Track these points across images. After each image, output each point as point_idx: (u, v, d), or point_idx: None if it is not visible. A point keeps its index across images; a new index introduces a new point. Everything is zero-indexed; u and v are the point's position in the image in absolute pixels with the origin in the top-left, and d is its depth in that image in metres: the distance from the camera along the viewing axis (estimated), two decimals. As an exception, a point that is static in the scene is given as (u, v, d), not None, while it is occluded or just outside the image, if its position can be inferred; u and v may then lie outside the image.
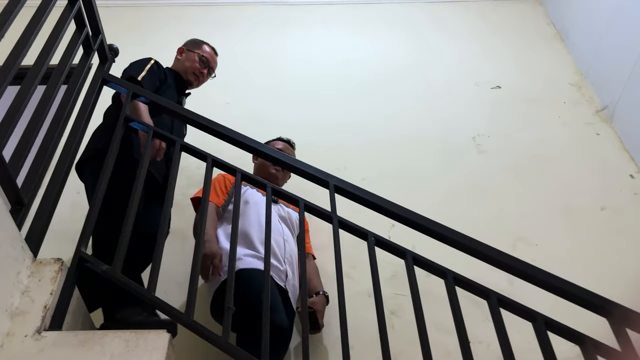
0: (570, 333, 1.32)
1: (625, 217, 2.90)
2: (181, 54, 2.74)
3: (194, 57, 2.70)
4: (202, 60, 2.71)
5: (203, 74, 2.72)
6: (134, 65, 2.42)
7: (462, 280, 1.40)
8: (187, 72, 2.67)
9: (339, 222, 1.51)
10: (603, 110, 3.41)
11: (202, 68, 2.70)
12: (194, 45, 2.78)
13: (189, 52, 2.72)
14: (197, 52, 2.71)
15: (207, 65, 2.73)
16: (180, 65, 2.70)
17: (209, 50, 2.78)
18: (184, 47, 2.77)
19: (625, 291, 2.33)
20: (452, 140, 3.27)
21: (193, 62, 2.68)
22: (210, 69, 2.76)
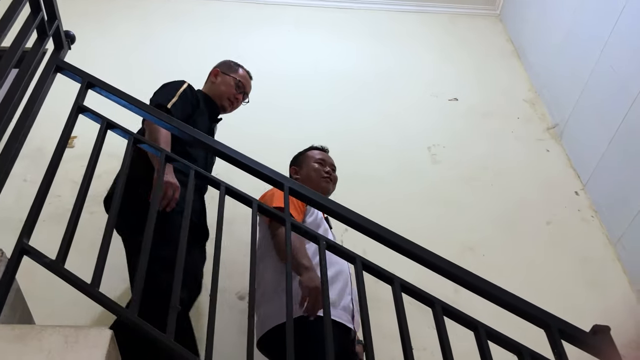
0: (509, 343, 1.36)
1: (569, 232, 3.02)
2: (216, 77, 2.58)
3: (230, 81, 2.55)
4: (239, 85, 2.57)
5: (238, 100, 2.59)
6: (164, 89, 2.28)
7: (409, 288, 1.43)
8: (222, 98, 2.53)
9: (292, 225, 1.51)
10: (554, 128, 3.53)
11: (238, 93, 2.57)
12: (230, 68, 2.62)
13: (224, 76, 2.57)
14: (233, 76, 2.57)
15: (243, 90, 2.60)
16: (215, 89, 2.55)
17: (245, 74, 2.64)
18: (219, 70, 2.60)
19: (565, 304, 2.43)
20: (408, 148, 3.33)
21: (229, 86, 2.54)
22: (245, 94, 2.63)
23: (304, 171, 2.48)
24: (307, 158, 2.54)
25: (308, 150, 2.59)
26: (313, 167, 2.48)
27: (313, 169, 2.47)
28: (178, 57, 3.70)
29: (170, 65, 3.65)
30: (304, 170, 2.48)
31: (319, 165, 2.48)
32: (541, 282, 2.73)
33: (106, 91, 1.79)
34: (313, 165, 2.49)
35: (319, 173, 2.45)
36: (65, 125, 1.65)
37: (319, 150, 2.58)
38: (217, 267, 1.40)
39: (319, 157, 2.52)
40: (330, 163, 2.54)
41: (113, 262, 1.53)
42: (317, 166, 2.48)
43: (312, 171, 2.47)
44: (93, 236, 1.78)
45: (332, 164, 2.55)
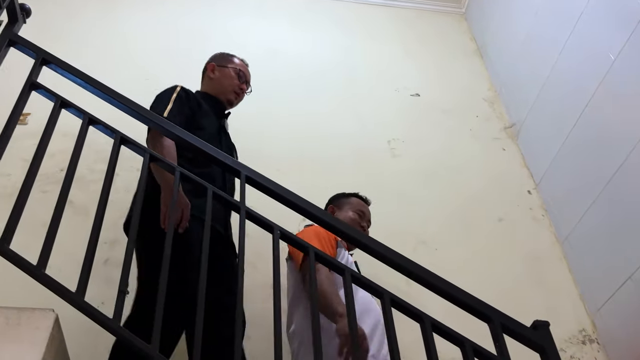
0: (453, 335, 1.39)
1: (520, 229, 3.11)
2: (213, 72, 2.46)
3: (229, 72, 2.45)
4: (240, 74, 2.46)
5: (243, 90, 2.49)
6: (157, 99, 2.18)
7: (359, 279, 1.45)
8: (226, 92, 2.42)
9: (247, 213, 1.51)
10: (510, 128, 3.62)
11: (242, 83, 2.47)
12: (225, 59, 2.52)
13: (222, 69, 2.45)
14: (231, 67, 2.47)
15: (245, 79, 2.50)
16: (216, 85, 2.44)
17: (241, 62, 2.54)
18: (214, 64, 2.48)
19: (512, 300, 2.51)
20: (369, 141, 3.36)
21: (231, 78, 2.44)
22: (247, 83, 2.52)
23: (341, 214, 2.46)
24: (348, 204, 2.52)
25: (352, 196, 2.56)
26: (351, 216, 2.46)
27: (350, 218, 2.45)
28: (140, 39, 3.63)
29: (132, 46, 3.58)
30: (342, 214, 2.46)
31: (357, 216, 2.46)
32: (490, 277, 2.81)
33: (62, 68, 1.74)
34: (352, 214, 2.47)
35: (354, 223, 2.42)
36: (17, 101, 1.61)
37: (362, 201, 2.55)
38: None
39: (360, 208, 2.50)
40: (368, 219, 2.52)
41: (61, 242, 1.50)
42: (355, 216, 2.46)
43: (348, 219, 2.44)
44: (44, 216, 1.74)
45: (369, 220, 2.52)
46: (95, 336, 1.87)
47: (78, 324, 1.52)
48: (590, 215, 2.78)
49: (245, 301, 1.61)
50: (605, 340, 2.65)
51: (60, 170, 2.15)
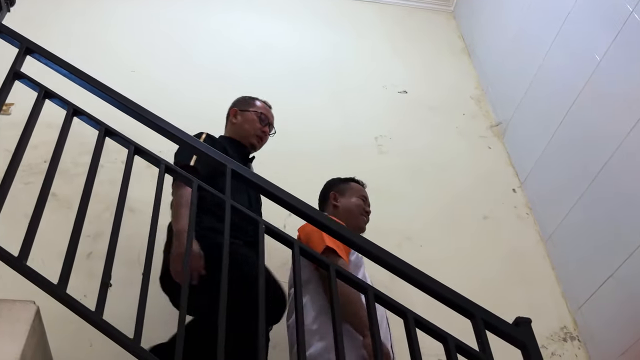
0: (436, 331, 1.40)
1: (504, 227, 3.13)
2: (235, 117, 2.46)
3: (252, 116, 2.44)
4: (261, 118, 2.45)
5: (265, 133, 2.47)
6: (180, 148, 2.09)
7: (343, 274, 1.45)
8: (249, 136, 2.41)
9: (232, 207, 1.51)
10: (497, 126, 3.64)
11: (264, 127, 2.45)
12: (247, 103, 2.51)
13: (244, 113, 2.45)
14: (253, 111, 2.46)
15: (267, 121, 2.48)
16: (238, 129, 2.43)
17: (263, 105, 2.53)
18: (236, 109, 2.48)
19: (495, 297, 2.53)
20: (356, 137, 3.36)
21: (253, 122, 2.42)
22: (270, 125, 2.51)
23: (344, 200, 2.44)
24: (350, 189, 2.50)
25: (350, 181, 2.55)
26: (355, 202, 2.44)
27: (355, 204, 2.44)
28: (128, 31, 3.60)
29: (119, 38, 3.55)
30: (345, 199, 2.44)
31: (362, 202, 2.46)
32: (474, 274, 2.82)
33: (46, 58, 1.72)
34: (355, 200, 2.45)
35: (360, 209, 2.42)
36: (0, 91, 1.59)
37: (361, 186, 2.54)
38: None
39: (361, 194, 2.49)
40: (369, 203, 2.51)
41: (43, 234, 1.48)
42: (360, 202, 2.45)
43: (354, 206, 2.43)
44: (27, 208, 1.72)
45: (369, 205, 2.51)
46: (77, 329, 1.86)
47: (59, 316, 1.51)
48: (574, 214, 2.81)
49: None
50: (586, 338, 2.68)
51: (44, 162, 2.12)
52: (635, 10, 2.45)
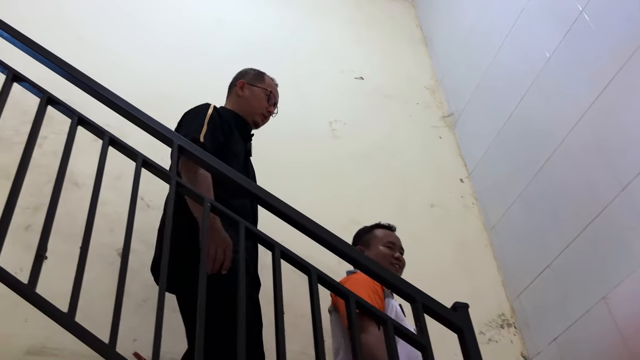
0: (376, 314, 1.43)
1: (451, 216, 3.20)
2: (242, 90, 2.31)
3: (260, 93, 2.30)
4: (270, 97, 2.32)
5: (270, 113, 2.35)
6: (189, 117, 2.01)
7: (288, 255, 1.45)
8: (254, 113, 2.28)
9: (177, 183, 1.48)
10: (449, 117, 3.71)
11: (270, 106, 2.32)
12: (256, 78, 2.36)
13: (252, 88, 2.31)
14: (262, 87, 2.32)
15: (274, 101, 2.36)
16: (244, 104, 2.28)
17: (271, 82, 2.40)
18: (244, 81, 2.33)
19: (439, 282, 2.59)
20: (310, 121, 3.35)
21: (260, 100, 2.29)
22: (275, 105, 2.39)
23: (371, 253, 2.31)
24: (375, 239, 2.39)
25: (375, 228, 2.43)
26: (382, 251, 2.33)
27: (382, 254, 2.32)
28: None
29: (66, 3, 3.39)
30: (371, 252, 2.32)
31: (388, 249, 2.34)
32: (420, 260, 2.86)
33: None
34: (382, 249, 2.34)
35: (388, 259, 2.30)
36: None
37: (387, 231, 2.42)
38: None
39: (387, 240, 2.37)
40: (400, 246, 2.40)
41: None
42: (386, 251, 2.34)
43: (380, 256, 2.31)
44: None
45: (401, 247, 2.40)
46: (11, 304, 1.80)
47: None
48: (517, 206, 2.91)
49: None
50: (522, 325, 2.79)
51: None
52: (585, 10, 2.53)
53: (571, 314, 2.42)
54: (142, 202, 2.47)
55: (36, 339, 2.02)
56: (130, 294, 2.13)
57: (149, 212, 2.45)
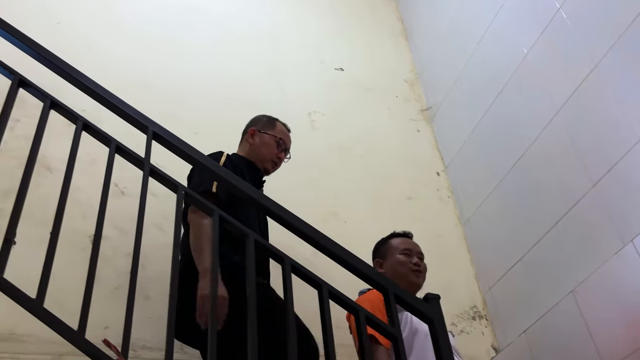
0: (348, 304, 1.44)
1: (426, 209, 3.23)
2: (253, 137, 2.33)
3: (270, 140, 2.32)
4: (280, 143, 2.34)
5: (281, 160, 2.36)
6: (199, 170, 1.98)
7: (261, 243, 1.45)
8: (265, 160, 2.30)
9: (151, 170, 1.47)
10: (427, 110, 3.73)
11: (280, 152, 2.34)
12: (266, 126, 2.38)
13: (263, 135, 2.33)
14: (272, 135, 2.34)
15: (284, 147, 2.37)
16: (254, 151, 2.31)
17: (283, 128, 2.42)
18: (255, 129, 2.35)
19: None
20: (289, 110, 3.31)
21: (270, 147, 2.31)
22: (287, 151, 2.40)
23: (389, 264, 2.30)
24: (391, 249, 2.36)
25: (390, 238, 2.41)
26: (399, 260, 2.30)
27: (399, 263, 2.28)
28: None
29: None
30: (388, 263, 2.31)
31: (405, 257, 2.31)
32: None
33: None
34: (399, 258, 2.30)
35: (406, 267, 2.27)
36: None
37: (402, 238, 2.40)
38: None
39: (403, 247, 2.33)
40: (417, 251, 2.36)
41: None
42: (403, 258, 2.30)
43: (398, 265, 2.28)
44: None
45: (419, 252, 2.37)
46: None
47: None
48: (491, 200, 2.94)
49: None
50: (493, 317, 2.83)
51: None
52: (563, 7, 2.56)
53: (541, 306, 2.46)
54: (117, 188, 2.45)
55: (4, 325, 2.00)
56: (102, 280, 2.14)
57: (123, 199, 2.43)
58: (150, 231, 2.29)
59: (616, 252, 2.09)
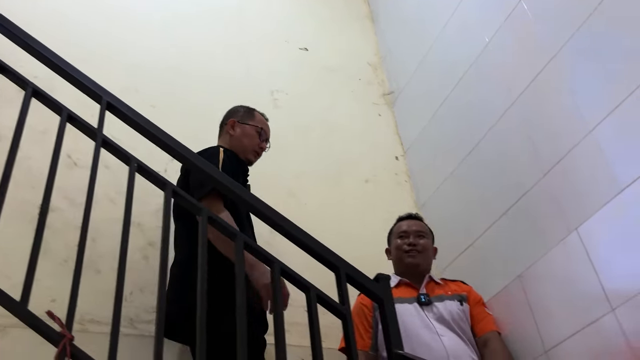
0: (300, 281, 1.45)
1: (383, 192, 3.27)
2: (234, 128, 2.35)
3: (252, 131, 2.35)
4: (261, 133, 2.37)
5: (263, 149, 2.39)
6: (199, 177, 1.95)
7: (215, 220, 1.44)
8: (246, 151, 2.32)
9: (104, 141, 1.43)
10: (389, 95, 3.75)
11: (262, 142, 2.37)
12: (247, 116, 2.41)
13: (244, 126, 2.36)
14: (253, 125, 2.37)
15: (266, 137, 2.41)
16: (236, 142, 2.32)
17: (262, 118, 2.46)
18: (234, 120, 2.37)
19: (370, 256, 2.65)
20: (252, 88, 3.31)
21: (252, 137, 2.34)
22: (267, 140, 2.43)
23: (392, 250, 2.46)
24: (392, 235, 2.51)
25: (394, 225, 2.53)
26: (396, 244, 2.44)
27: (396, 247, 2.43)
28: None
29: None
30: (392, 249, 2.47)
31: (400, 240, 2.42)
32: (352, 233, 2.93)
33: None
34: (396, 242, 2.45)
35: (401, 250, 2.40)
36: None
37: (400, 222, 2.52)
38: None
39: (400, 231, 2.46)
40: (415, 230, 2.45)
41: None
42: (398, 242, 2.43)
43: (395, 250, 2.42)
44: None
45: (416, 231, 2.45)
46: None
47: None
48: (446, 186, 3.00)
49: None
50: (444, 300, 2.90)
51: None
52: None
53: (490, 290, 2.53)
54: (70, 159, 2.40)
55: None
56: (51, 253, 2.10)
57: (76, 170, 2.37)
58: (103, 204, 2.26)
59: (561, 240, 2.17)
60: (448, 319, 2.23)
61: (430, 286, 2.42)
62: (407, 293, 2.35)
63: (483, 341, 2.26)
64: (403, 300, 2.28)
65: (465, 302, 2.37)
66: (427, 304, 2.29)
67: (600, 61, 2.13)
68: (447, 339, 2.15)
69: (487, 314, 2.34)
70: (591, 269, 2.01)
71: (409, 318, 2.21)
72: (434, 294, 2.35)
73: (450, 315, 2.25)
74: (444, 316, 2.24)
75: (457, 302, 2.33)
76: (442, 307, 2.28)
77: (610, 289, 1.93)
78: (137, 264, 2.29)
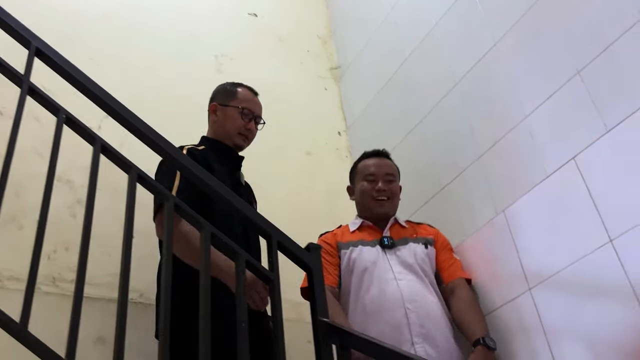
0: (229, 246, 1.43)
1: (324, 166, 3.29)
2: (215, 113, 2.18)
3: (234, 113, 2.16)
4: (244, 112, 2.17)
5: (251, 130, 2.20)
6: (160, 172, 1.88)
7: (72, 119, 1.39)
8: (232, 136, 2.15)
9: (30, 89, 1.35)
10: (336, 69, 3.74)
11: (248, 123, 2.17)
12: (227, 96, 2.21)
13: (225, 109, 2.17)
14: (234, 106, 2.17)
15: (252, 115, 2.19)
16: (218, 129, 2.16)
17: (246, 93, 2.24)
18: (215, 104, 2.19)
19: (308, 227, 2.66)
20: (196, 50, 3.24)
21: (235, 120, 2.15)
22: (257, 118, 2.23)
23: (356, 192, 2.26)
24: (357, 175, 2.30)
25: (359, 161, 2.30)
26: (362, 187, 2.23)
27: (362, 191, 2.23)
28: None
29: None
30: (356, 190, 2.26)
31: (367, 183, 2.22)
32: (292, 203, 2.96)
33: None
34: (362, 185, 2.24)
35: (369, 194, 2.20)
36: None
37: (367, 160, 2.31)
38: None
39: (367, 172, 2.24)
40: (384, 173, 2.25)
41: None
42: (365, 185, 2.22)
43: (361, 194, 2.23)
44: None
45: (386, 174, 2.25)
46: None
47: None
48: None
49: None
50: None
51: None
52: (472, -16, 2.63)
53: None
54: (-5, 108, 2.27)
55: None
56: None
57: (1, 120, 2.25)
58: (30, 158, 2.16)
59: (489, 220, 2.25)
60: (411, 262, 2.13)
61: (395, 229, 2.29)
62: (370, 236, 2.23)
63: (450, 289, 2.15)
64: (366, 243, 2.19)
65: (432, 245, 2.25)
66: (390, 247, 2.17)
67: (539, 50, 2.19)
68: (405, 282, 2.05)
69: (454, 260, 2.23)
70: (514, 250, 2.10)
71: (369, 261, 2.13)
72: (398, 237, 2.23)
73: (414, 258, 2.15)
74: (407, 259, 2.14)
75: (422, 245, 2.21)
76: (405, 250, 2.17)
77: (529, 270, 2.03)
78: (64, 221, 2.21)
